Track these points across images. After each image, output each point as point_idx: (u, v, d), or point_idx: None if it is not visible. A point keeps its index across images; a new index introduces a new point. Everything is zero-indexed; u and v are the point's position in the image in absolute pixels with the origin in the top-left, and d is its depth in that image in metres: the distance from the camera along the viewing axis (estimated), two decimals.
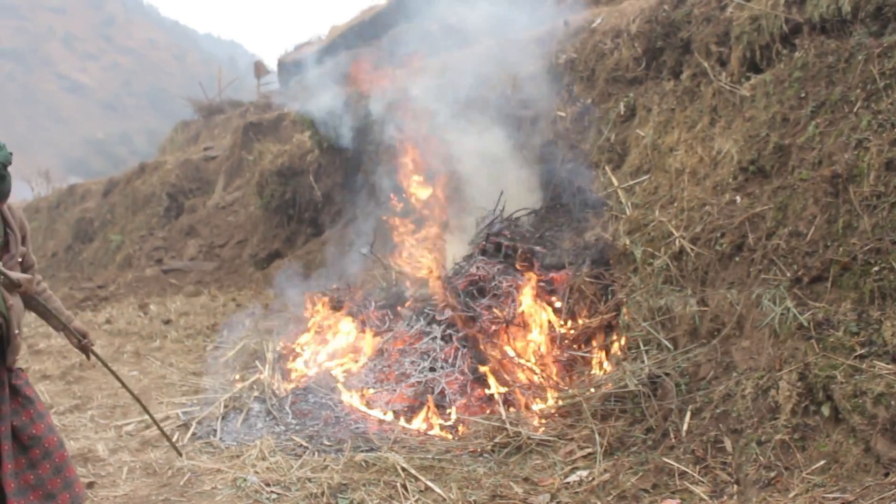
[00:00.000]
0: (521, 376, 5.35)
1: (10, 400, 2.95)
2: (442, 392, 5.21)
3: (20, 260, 3.06)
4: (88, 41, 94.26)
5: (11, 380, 2.98)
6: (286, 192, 11.78)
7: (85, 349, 3.35)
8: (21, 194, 26.48)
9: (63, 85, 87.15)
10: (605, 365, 5.24)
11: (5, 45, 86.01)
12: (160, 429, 4.03)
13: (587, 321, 5.53)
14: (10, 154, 2.87)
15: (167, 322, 9.34)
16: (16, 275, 2.85)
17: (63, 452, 3.05)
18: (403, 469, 4.21)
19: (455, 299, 5.75)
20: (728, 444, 3.88)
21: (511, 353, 5.51)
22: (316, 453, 4.65)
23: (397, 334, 5.93)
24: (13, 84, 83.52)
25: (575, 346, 5.51)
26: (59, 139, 72.38)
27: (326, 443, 4.83)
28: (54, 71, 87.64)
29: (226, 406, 5.54)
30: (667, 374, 4.52)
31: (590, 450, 4.33)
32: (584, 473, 4.10)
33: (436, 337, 5.64)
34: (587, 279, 5.62)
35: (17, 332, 2.95)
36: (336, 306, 6.93)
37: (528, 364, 5.44)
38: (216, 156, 16.23)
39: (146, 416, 5.44)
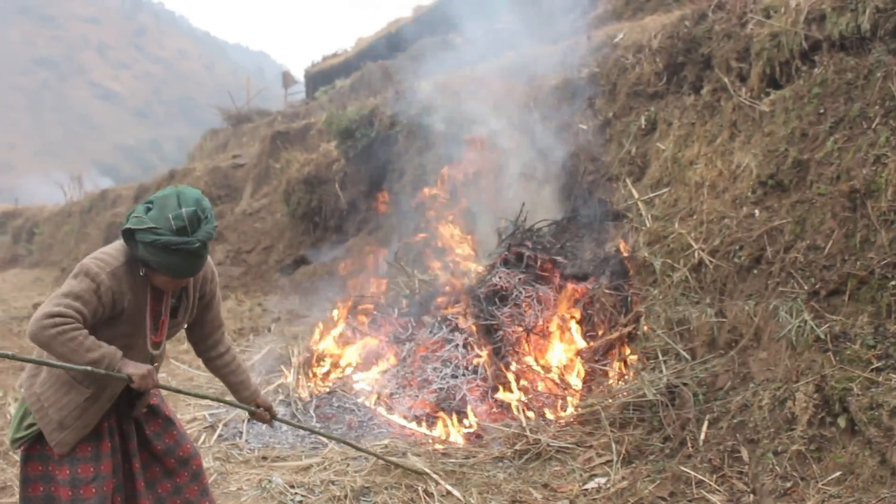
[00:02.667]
0: (541, 385, 5.43)
1: (148, 423, 2.88)
2: (463, 399, 5.30)
3: (184, 326, 2.91)
4: (121, 50, 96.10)
5: (141, 408, 2.88)
6: (312, 200, 11.93)
7: (265, 420, 3.13)
8: (54, 198, 27.08)
9: (96, 93, 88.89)
10: (625, 376, 5.29)
11: (41, 54, 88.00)
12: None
13: (607, 332, 5.60)
14: (215, 227, 2.59)
15: None
16: (130, 370, 2.57)
17: (205, 476, 3.01)
18: (425, 473, 4.31)
19: (476, 308, 5.85)
20: (745, 453, 3.93)
21: (531, 361, 5.59)
22: (340, 457, 4.76)
23: (420, 341, 6.04)
24: (48, 91, 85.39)
25: (595, 357, 5.57)
26: (91, 145, 73.81)
27: None
28: (87, 79, 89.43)
29: None
30: (685, 384, 4.58)
31: (608, 457, 4.39)
32: (602, 481, 4.17)
33: (458, 345, 5.74)
34: (607, 291, 5.69)
35: (195, 371, 2.92)
36: (360, 313, 7.05)
37: (548, 375, 5.51)
38: (244, 163, 16.47)
39: None
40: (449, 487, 4.16)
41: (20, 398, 2.76)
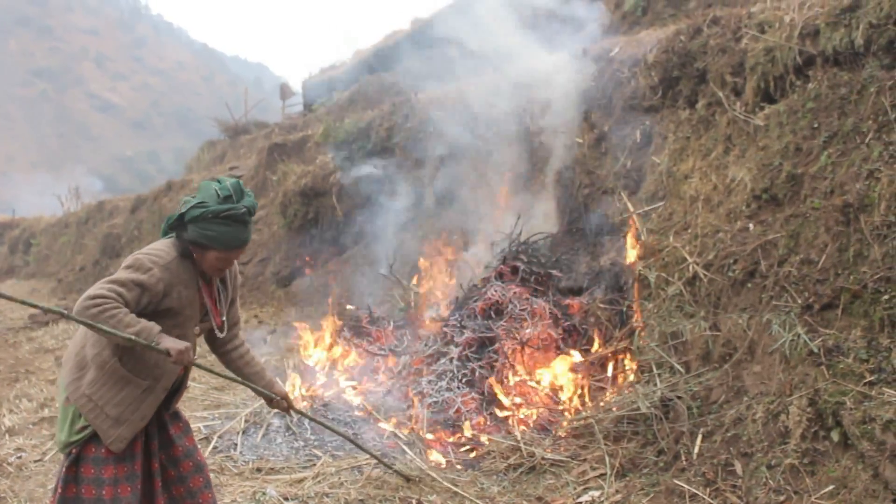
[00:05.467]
0: (536, 398, 5.43)
1: (172, 425, 3.00)
2: (458, 411, 5.30)
3: (223, 319, 3.01)
4: (120, 62, 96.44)
5: (176, 403, 3.06)
6: (309, 212, 11.95)
7: (282, 409, 3.22)
8: (51, 209, 27.09)
9: (94, 104, 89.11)
10: (621, 390, 5.29)
11: (40, 65, 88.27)
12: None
13: (602, 346, 5.61)
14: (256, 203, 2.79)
15: None
16: (168, 344, 2.64)
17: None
18: (419, 487, 4.30)
19: (471, 321, 5.85)
20: (738, 467, 3.93)
21: (526, 375, 5.59)
22: (334, 469, 4.74)
23: (414, 354, 6.04)
24: (47, 102, 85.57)
25: (590, 370, 5.58)
26: (89, 156, 73.84)
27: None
28: (86, 90, 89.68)
29: (246, 421, 5.65)
30: (679, 398, 4.58)
31: (602, 471, 4.40)
32: (596, 494, 4.17)
33: (453, 358, 5.74)
34: (601, 305, 5.71)
35: (189, 382, 3.03)
36: (355, 326, 7.05)
37: (543, 389, 5.51)
38: (241, 175, 16.46)
39: None
40: (443, 500, 4.16)
41: (63, 401, 2.81)
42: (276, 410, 5.75)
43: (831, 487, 3.43)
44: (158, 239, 2.87)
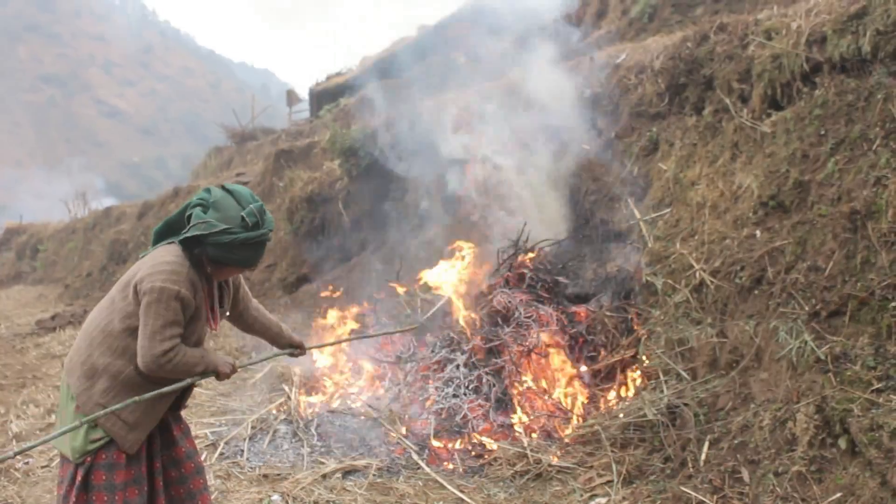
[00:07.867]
0: (542, 405, 5.42)
1: (174, 426, 3.02)
2: (464, 418, 5.30)
3: (228, 311, 3.15)
4: (127, 68, 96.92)
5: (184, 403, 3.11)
6: (315, 219, 11.97)
7: (301, 355, 3.41)
8: (58, 215, 27.21)
9: (101, 110, 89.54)
10: (625, 398, 5.28)
11: (48, 71, 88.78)
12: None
13: (609, 353, 5.60)
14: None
15: None
16: (221, 367, 2.89)
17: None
18: (425, 493, 4.30)
19: (478, 328, 5.86)
20: (745, 474, 3.92)
21: (532, 383, 5.59)
22: (340, 475, 4.75)
23: (421, 361, 6.04)
24: (54, 108, 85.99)
25: (596, 378, 5.57)
26: (96, 162, 74.14)
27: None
28: (93, 96, 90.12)
29: (253, 427, 5.67)
30: (685, 405, 4.58)
31: (609, 478, 4.39)
32: (602, 501, 4.16)
33: (459, 364, 5.74)
34: (608, 312, 5.70)
35: (195, 389, 3.08)
36: (361, 331, 7.06)
37: (549, 396, 5.51)
38: (248, 181, 16.50)
39: None
40: None
41: (73, 409, 2.79)
42: (282, 416, 5.82)
43: (839, 495, 3.41)
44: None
